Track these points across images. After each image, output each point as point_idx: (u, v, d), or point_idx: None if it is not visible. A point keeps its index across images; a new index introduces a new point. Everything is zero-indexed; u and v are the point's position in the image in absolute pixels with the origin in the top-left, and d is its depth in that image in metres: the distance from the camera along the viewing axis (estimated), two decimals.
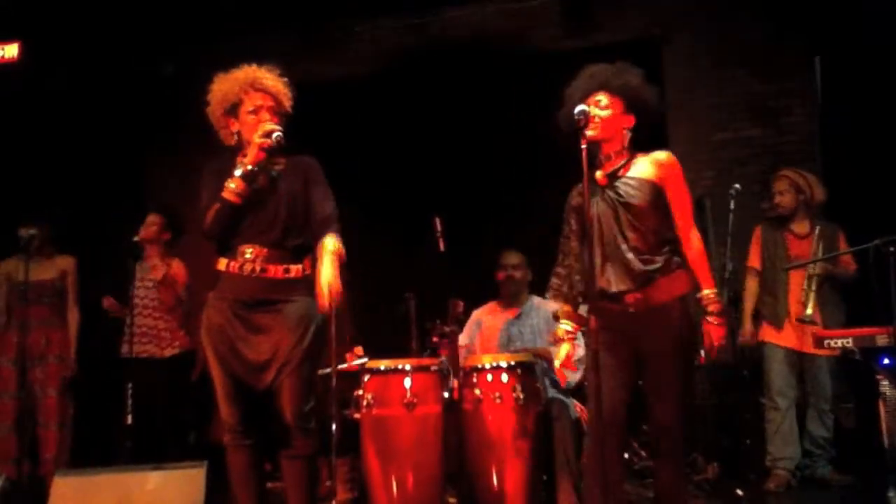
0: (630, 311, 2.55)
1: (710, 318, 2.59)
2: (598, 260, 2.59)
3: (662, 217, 2.62)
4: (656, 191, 2.60)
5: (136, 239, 4.34)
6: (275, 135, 2.61)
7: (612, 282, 2.57)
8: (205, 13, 5.61)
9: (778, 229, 4.18)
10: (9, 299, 4.49)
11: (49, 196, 5.04)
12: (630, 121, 2.68)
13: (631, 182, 2.61)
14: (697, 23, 5.52)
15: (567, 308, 2.79)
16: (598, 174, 2.65)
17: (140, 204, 4.94)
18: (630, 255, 2.55)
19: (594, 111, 2.60)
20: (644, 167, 2.64)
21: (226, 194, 2.62)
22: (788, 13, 5.19)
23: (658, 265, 2.57)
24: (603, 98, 2.64)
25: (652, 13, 5.58)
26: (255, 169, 2.64)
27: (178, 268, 4.49)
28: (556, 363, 2.82)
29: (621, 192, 2.60)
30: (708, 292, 2.61)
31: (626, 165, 2.65)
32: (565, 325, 2.80)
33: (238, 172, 2.62)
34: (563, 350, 2.80)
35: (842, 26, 4.94)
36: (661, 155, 2.67)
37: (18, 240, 4.28)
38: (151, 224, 4.45)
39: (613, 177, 2.64)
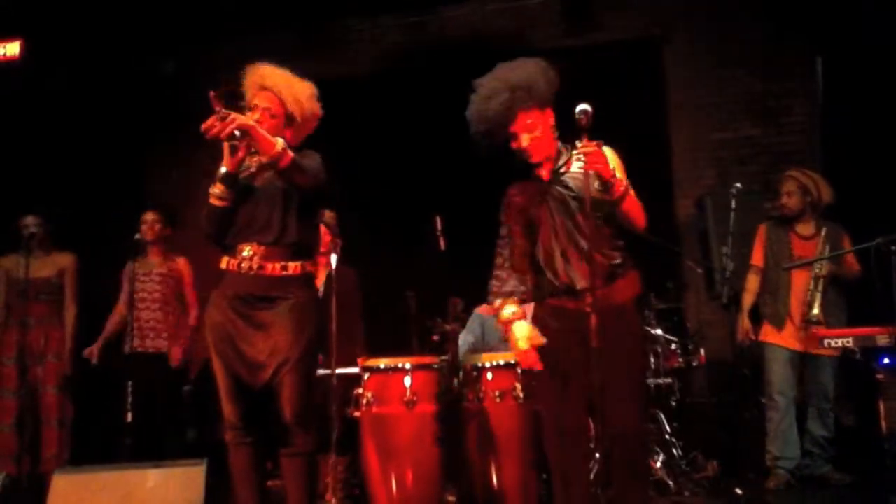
0: (587, 310, 2.38)
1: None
2: (557, 255, 2.52)
3: (611, 206, 2.52)
4: (600, 179, 2.49)
5: (137, 237, 4.36)
6: (227, 135, 2.51)
7: (575, 278, 2.48)
8: (205, 13, 5.61)
9: (783, 229, 4.18)
10: (8, 296, 4.49)
11: (49, 194, 5.04)
12: (551, 115, 2.62)
13: (577, 175, 2.53)
14: (698, 22, 5.52)
15: (508, 299, 2.59)
16: (543, 172, 2.59)
17: (140, 203, 4.94)
18: (588, 248, 2.45)
19: (525, 138, 2.53)
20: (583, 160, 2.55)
21: (210, 199, 2.66)
22: (789, 13, 5.19)
23: (618, 261, 2.52)
24: (528, 118, 2.54)
25: (652, 12, 5.58)
26: (231, 172, 2.64)
27: (183, 265, 4.52)
28: (523, 343, 2.50)
29: (571, 187, 2.54)
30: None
31: (568, 161, 2.59)
32: (510, 308, 2.56)
33: (218, 176, 2.65)
34: (522, 328, 2.51)
35: (843, 26, 4.93)
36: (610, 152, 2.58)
37: (19, 229, 4.29)
38: (154, 223, 4.46)
39: (556, 173, 2.58)
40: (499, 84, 2.56)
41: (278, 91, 2.74)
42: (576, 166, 2.56)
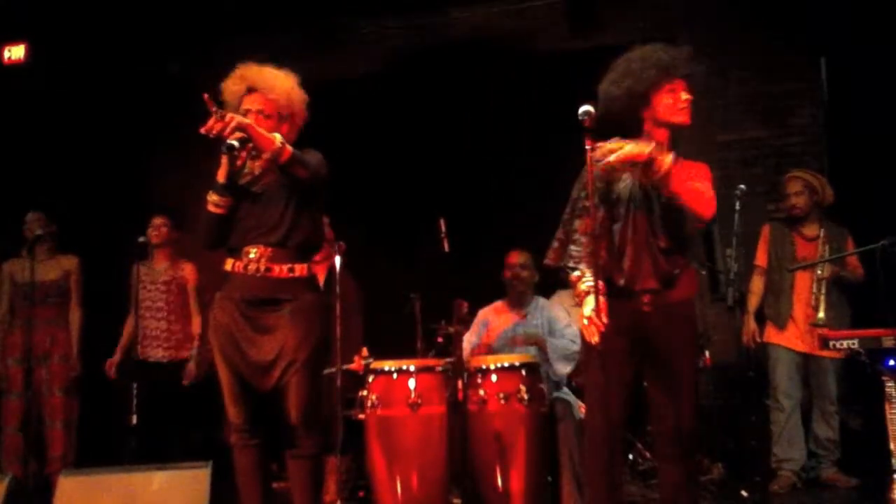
0: (644, 309, 2.42)
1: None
2: (628, 252, 2.45)
3: (687, 216, 2.48)
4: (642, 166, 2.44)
5: (141, 240, 4.36)
6: (225, 146, 2.53)
7: (637, 278, 2.44)
8: (209, 12, 5.62)
9: (787, 230, 4.18)
10: (13, 300, 4.51)
11: (54, 196, 5.06)
12: None
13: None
14: (702, 24, 5.51)
15: (587, 272, 2.43)
16: None
17: (144, 204, 4.96)
18: (658, 252, 2.43)
19: (684, 95, 2.54)
20: (685, 168, 2.50)
21: (207, 205, 2.67)
22: (794, 13, 5.18)
23: (679, 270, 2.48)
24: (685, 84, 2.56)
25: (657, 14, 5.57)
26: (225, 182, 2.65)
27: (189, 272, 4.52)
28: (589, 311, 2.32)
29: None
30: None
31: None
32: (588, 281, 2.41)
33: (216, 185, 2.66)
34: (592, 302, 2.32)
35: (847, 26, 4.92)
36: (699, 164, 2.58)
37: (25, 229, 4.30)
38: (161, 227, 4.47)
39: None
40: (668, 55, 2.59)
41: (267, 91, 2.72)
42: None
